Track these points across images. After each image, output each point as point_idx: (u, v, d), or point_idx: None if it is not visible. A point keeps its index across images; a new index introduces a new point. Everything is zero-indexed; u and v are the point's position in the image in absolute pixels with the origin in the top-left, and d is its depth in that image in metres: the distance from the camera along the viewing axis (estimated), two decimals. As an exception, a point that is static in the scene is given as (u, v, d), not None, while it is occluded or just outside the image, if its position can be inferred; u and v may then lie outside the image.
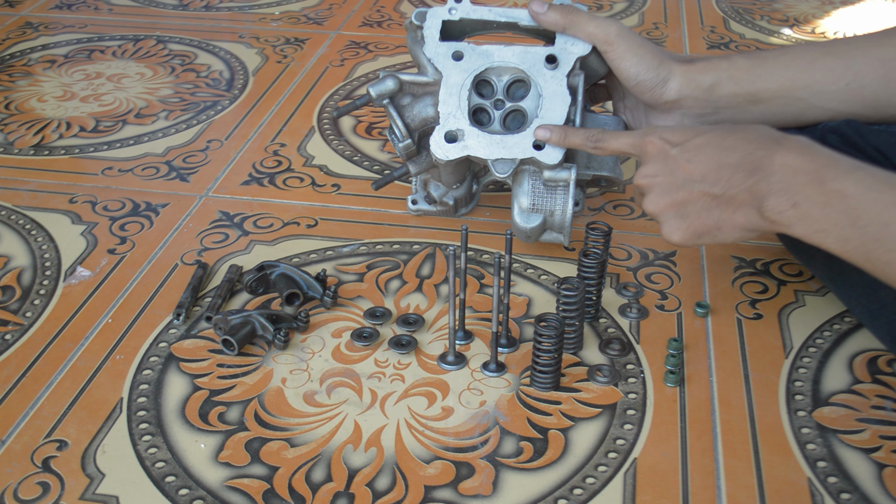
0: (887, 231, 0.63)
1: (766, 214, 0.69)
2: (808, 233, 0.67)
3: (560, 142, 0.83)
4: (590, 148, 0.81)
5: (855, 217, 0.64)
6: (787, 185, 0.67)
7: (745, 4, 1.57)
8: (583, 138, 0.81)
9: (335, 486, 0.67)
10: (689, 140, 0.74)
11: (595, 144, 0.81)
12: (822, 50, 0.82)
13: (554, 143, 0.83)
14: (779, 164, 0.68)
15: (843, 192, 0.65)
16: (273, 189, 1.04)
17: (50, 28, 1.49)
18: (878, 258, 0.64)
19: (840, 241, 0.66)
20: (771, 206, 0.68)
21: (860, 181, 0.65)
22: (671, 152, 0.74)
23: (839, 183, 0.65)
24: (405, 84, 0.88)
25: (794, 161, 0.68)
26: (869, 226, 0.64)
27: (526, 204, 0.87)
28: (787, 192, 0.67)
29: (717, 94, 0.83)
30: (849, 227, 0.65)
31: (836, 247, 0.66)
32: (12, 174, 1.08)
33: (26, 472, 0.69)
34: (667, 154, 0.74)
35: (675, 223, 0.74)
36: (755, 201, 0.69)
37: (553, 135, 0.82)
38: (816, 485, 0.68)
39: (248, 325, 0.80)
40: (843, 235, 0.65)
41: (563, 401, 0.75)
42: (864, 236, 0.64)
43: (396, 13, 1.55)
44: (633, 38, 0.83)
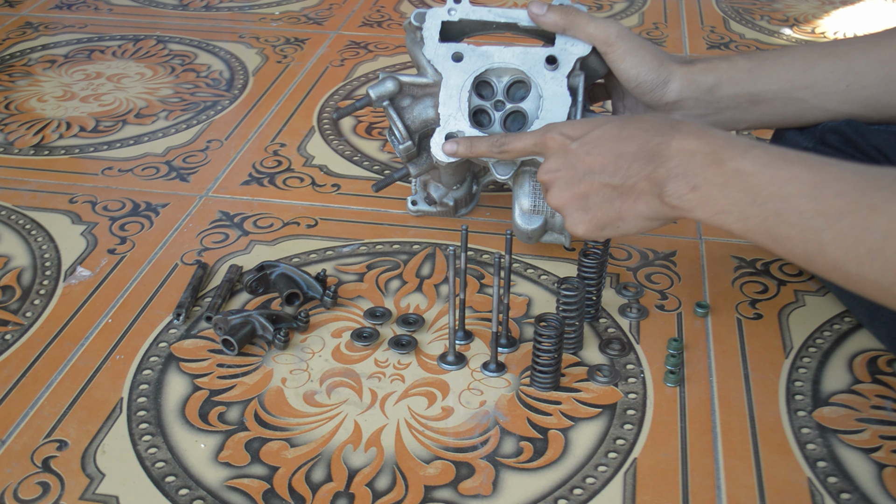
0: (787, 205, 0.62)
1: (667, 200, 0.68)
2: (709, 215, 0.67)
3: (467, 152, 0.83)
4: (495, 153, 0.82)
5: (754, 195, 0.64)
6: (685, 168, 0.67)
7: (745, 4, 1.57)
8: (487, 146, 0.82)
9: (335, 486, 0.68)
10: (588, 133, 0.74)
11: (500, 149, 0.81)
12: (822, 51, 0.82)
13: (461, 156, 0.84)
14: (676, 149, 0.68)
15: (741, 171, 0.64)
16: (273, 189, 1.04)
17: (50, 28, 1.49)
18: (778, 234, 0.63)
19: (741, 220, 0.65)
20: (671, 191, 0.68)
21: (757, 158, 0.65)
22: (571, 146, 0.74)
23: (737, 162, 0.65)
24: (405, 85, 0.88)
25: (691, 144, 0.68)
26: (769, 202, 0.63)
27: (527, 205, 0.87)
28: (685, 176, 0.67)
29: (718, 96, 0.83)
30: (748, 206, 0.64)
31: (737, 226, 0.65)
32: (12, 174, 1.08)
33: (26, 472, 0.69)
34: (566, 148, 0.75)
35: (578, 216, 0.75)
36: (655, 188, 0.69)
37: (460, 147, 0.83)
38: (816, 485, 0.68)
39: (248, 325, 0.80)
40: (744, 214, 0.64)
41: (563, 401, 0.75)
42: (763, 213, 0.63)
43: (396, 13, 1.55)
44: (632, 39, 0.83)
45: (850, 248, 0.58)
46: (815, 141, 0.82)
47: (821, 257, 0.61)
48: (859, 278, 0.59)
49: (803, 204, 0.61)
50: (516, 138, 0.80)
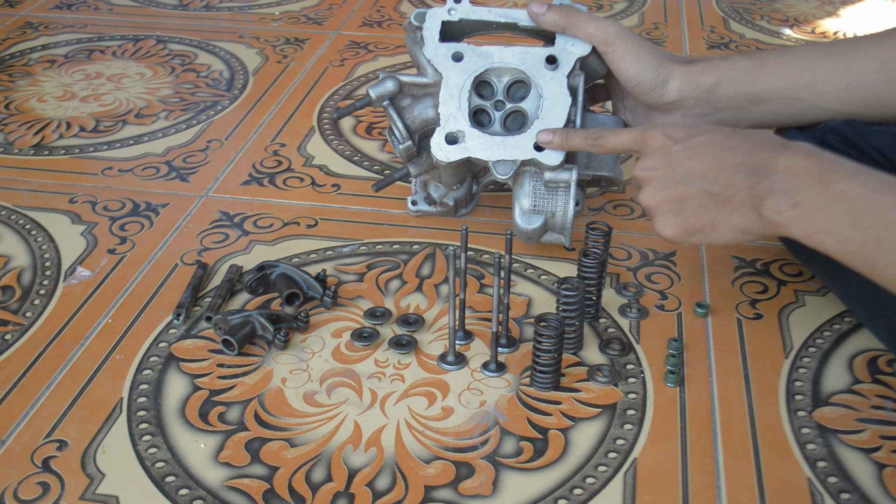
0: (889, 232, 0.62)
1: (765, 214, 0.68)
2: (806, 234, 0.67)
3: (562, 144, 0.83)
4: (590, 147, 0.81)
5: (857, 218, 0.64)
6: (789, 185, 0.67)
7: (745, 4, 1.57)
8: (582, 138, 0.82)
9: (335, 486, 0.68)
10: (692, 137, 0.73)
11: (595, 142, 0.81)
12: (822, 50, 0.82)
13: (556, 147, 0.83)
14: (783, 166, 0.68)
15: (846, 194, 0.64)
16: (273, 189, 1.04)
17: (50, 28, 1.49)
18: (877, 260, 0.63)
19: (839, 242, 0.65)
20: (770, 206, 0.67)
21: (864, 182, 0.65)
22: (673, 148, 0.74)
23: (843, 184, 0.65)
24: (405, 85, 0.88)
25: (799, 163, 0.67)
26: (871, 227, 0.63)
27: (527, 205, 0.87)
28: (788, 193, 0.67)
29: (718, 95, 0.83)
30: (849, 229, 0.64)
31: (834, 248, 0.66)
32: (12, 174, 1.08)
33: (26, 472, 0.69)
34: (668, 149, 0.74)
35: (669, 218, 0.74)
36: (755, 201, 0.69)
37: (556, 138, 0.82)
38: (816, 485, 0.68)
39: (248, 325, 0.80)
40: (843, 237, 0.65)
41: (563, 401, 0.75)
42: (864, 237, 0.63)
43: (396, 13, 1.55)
44: (632, 38, 0.83)
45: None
46: (815, 141, 0.82)
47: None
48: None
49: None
50: (614, 134, 0.80)
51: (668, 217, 0.74)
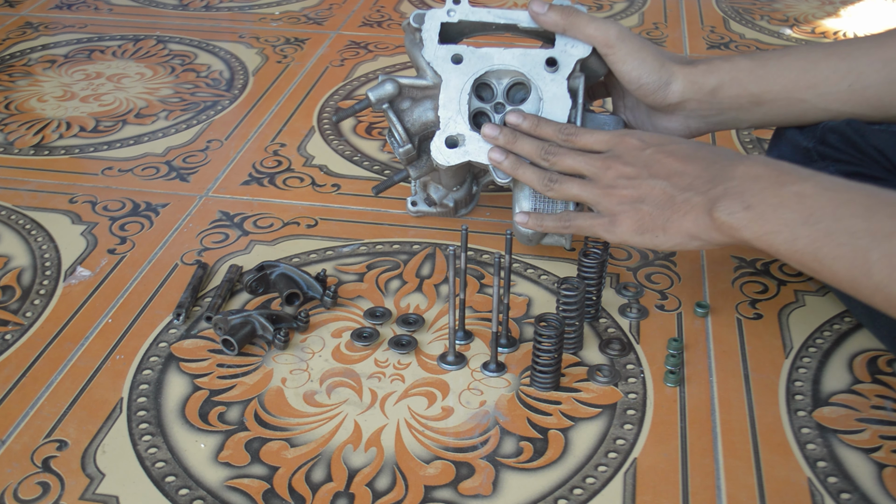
0: (839, 225, 0.63)
1: (717, 216, 0.70)
2: (757, 235, 0.68)
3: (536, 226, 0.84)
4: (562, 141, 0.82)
5: (808, 215, 0.65)
6: (743, 189, 0.69)
7: (745, 4, 1.57)
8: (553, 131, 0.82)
9: (335, 486, 0.68)
10: (666, 144, 0.77)
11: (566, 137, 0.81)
12: (824, 51, 0.82)
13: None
14: (740, 172, 0.70)
15: (800, 193, 0.66)
16: (273, 189, 1.04)
17: (50, 28, 1.49)
18: (826, 254, 0.64)
19: (789, 241, 0.66)
20: (723, 208, 0.69)
21: (818, 183, 0.66)
22: (646, 151, 0.76)
23: (798, 186, 0.67)
24: (404, 88, 0.88)
25: (756, 170, 0.70)
26: (821, 222, 0.64)
27: (527, 208, 0.87)
28: (742, 196, 0.69)
29: (721, 97, 0.83)
30: (800, 226, 0.65)
31: (784, 248, 0.67)
32: (12, 174, 1.08)
33: (26, 472, 0.69)
34: (641, 151, 0.77)
35: (628, 213, 0.76)
36: (708, 204, 0.71)
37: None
38: (816, 485, 0.68)
39: (248, 325, 0.80)
40: (793, 235, 0.66)
41: (563, 401, 0.75)
42: (814, 233, 0.64)
43: (396, 13, 1.55)
44: (633, 40, 0.83)
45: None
46: (816, 141, 0.82)
47: (865, 278, 0.62)
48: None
49: (855, 224, 0.62)
50: (588, 133, 0.81)
51: (625, 212, 0.76)
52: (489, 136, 0.83)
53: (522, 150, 0.83)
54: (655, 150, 0.76)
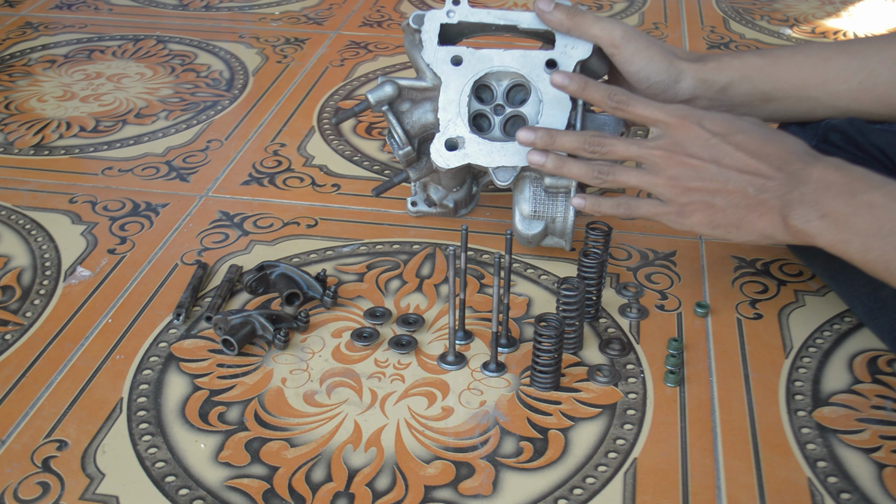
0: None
1: (792, 223, 0.70)
2: (831, 243, 0.69)
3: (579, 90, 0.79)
4: (610, 108, 0.78)
5: (879, 226, 0.66)
6: (818, 196, 0.69)
7: (745, 4, 1.57)
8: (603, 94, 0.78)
9: (335, 486, 0.68)
10: (732, 134, 0.74)
11: (617, 105, 0.78)
12: (835, 49, 0.82)
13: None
14: (815, 178, 0.70)
15: (871, 203, 0.67)
16: (273, 189, 1.04)
17: (50, 28, 1.49)
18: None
19: (862, 251, 0.67)
20: (798, 216, 0.69)
21: (889, 193, 0.67)
22: (711, 141, 0.74)
23: (869, 195, 0.67)
24: (404, 89, 0.88)
25: (830, 175, 0.70)
26: (891, 235, 0.65)
27: (527, 210, 0.87)
28: (816, 203, 0.69)
29: (731, 94, 0.83)
30: (871, 237, 0.66)
31: (857, 257, 0.68)
32: (12, 174, 1.08)
33: (26, 472, 0.69)
34: (706, 141, 0.74)
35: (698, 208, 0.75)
36: (784, 209, 0.71)
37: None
38: (816, 485, 0.68)
39: (248, 325, 0.80)
40: (866, 245, 0.66)
41: (563, 401, 0.75)
42: (885, 245, 0.65)
43: (396, 13, 1.55)
44: (639, 39, 0.82)
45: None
46: (818, 139, 0.82)
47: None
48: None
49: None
50: (642, 103, 0.77)
51: (697, 207, 0.75)
52: (525, 141, 0.80)
53: (564, 146, 0.80)
54: (721, 140, 0.74)
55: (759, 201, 0.72)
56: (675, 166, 0.75)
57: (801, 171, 0.71)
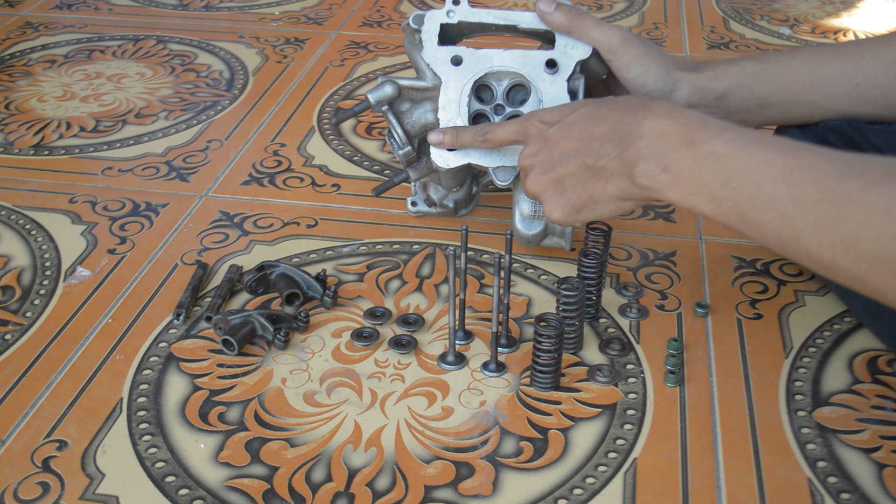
0: (760, 190, 0.62)
1: (637, 181, 0.68)
2: (680, 196, 0.66)
3: (453, 142, 0.84)
4: (479, 143, 0.82)
5: (727, 178, 0.63)
6: (655, 149, 0.67)
7: (745, 4, 1.57)
8: (472, 135, 0.82)
9: (335, 486, 0.68)
10: (564, 117, 0.74)
11: (483, 138, 0.82)
12: (831, 52, 0.82)
13: (447, 146, 0.84)
14: (647, 129, 0.67)
15: (714, 153, 0.64)
16: (273, 189, 1.04)
17: (50, 28, 1.49)
18: (752, 218, 0.63)
19: (713, 203, 0.64)
20: (641, 172, 0.67)
21: (731, 141, 0.64)
22: (548, 132, 0.75)
23: (710, 144, 0.64)
24: (404, 89, 0.88)
25: (663, 125, 0.67)
26: (741, 186, 0.62)
27: (527, 211, 0.87)
28: (656, 157, 0.66)
29: (728, 101, 0.83)
30: (721, 189, 0.64)
31: (709, 209, 0.65)
32: (12, 174, 1.08)
33: (26, 472, 0.69)
34: (544, 134, 0.75)
35: (554, 199, 0.75)
36: (625, 168, 0.69)
37: (445, 136, 0.84)
38: (816, 485, 0.68)
39: (248, 325, 0.80)
40: (716, 197, 0.64)
41: (563, 401, 0.75)
42: (736, 197, 0.63)
43: (396, 13, 1.55)
44: (637, 46, 0.82)
45: (824, 236, 0.58)
46: (816, 140, 0.82)
47: (794, 244, 0.61)
48: (832, 266, 0.59)
49: (777, 190, 0.61)
50: (499, 127, 0.80)
51: (553, 199, 0.75)
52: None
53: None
54: (558, 127, 0.74)
55: (599, 168, 0.71)
56: (526, 165, 0.77)
57: (632, 125, 0.68)
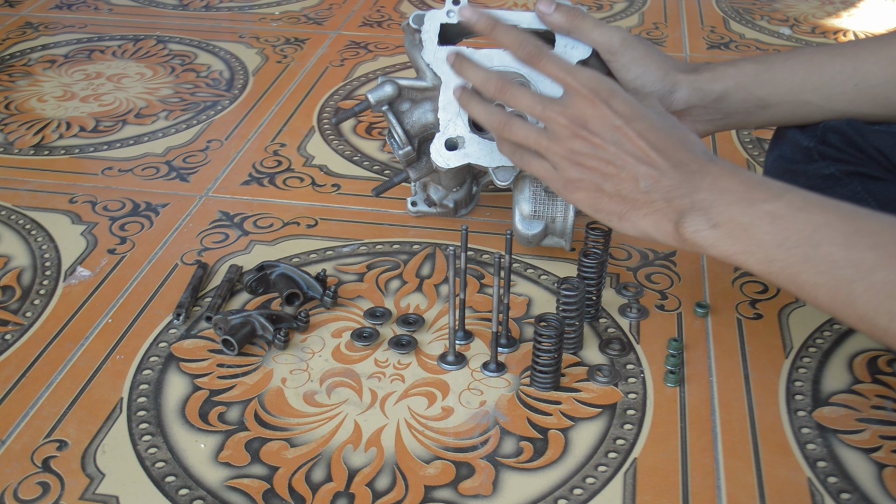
0: (817, 252, 0.61)
1: (682, 231, 0.67)
2: (726, 254, 0.66)
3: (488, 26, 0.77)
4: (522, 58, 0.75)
5: (783, 238, 0.63)
6: (710, 204, 0.66)
7: (745, 4, 1.57)
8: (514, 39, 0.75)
9: (335, 486, 0.68)
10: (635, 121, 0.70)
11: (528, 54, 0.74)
12: (830, 52, 0.82)
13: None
14: (709, 183, 0.67)
15: (772, 214, 0.63)
16: (273, 189, 1.04)
17: (50, 28, 1.49)
18: (804, 280, 0.62)
19: (764, 262, 0.64)
20: (689, 224, 0.66)
21: (791, 203, 0.64)
22: (616, 122, 0.70)
23: (769, 204, 0.64)
24: (404, 89, 0.88)
25: (726, 182, 0.66)
26: (797, 247, 0.62)
27: (527, 211, 0.87)
28: (708, 212, 0.66)
29: (727, 102, 0.83)
30: (775, 249, 0.63)
31: (758, 268, 0.65)
32: (12, 174, 1.08)
33: (26, 472, 0.69)
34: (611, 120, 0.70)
35: (586, 187, 0.72)
36: (673, 215, 0.68)
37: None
38: (816, 485, 0.68)
39: (248, 325, 0.80)
40: (768, 257, 0.63)
41: (563, 401, 0.75)
42: (790, 258, 0.62)
43: (396, 13, 1.55)
44: (636, 48, 0.82)
45: (882, 302, 0.58)
46: (816, 140, 0.82)
47: (849, 308, 0.60)
48: (888, 332, 0.59)
49: (835, 253, 0.60)
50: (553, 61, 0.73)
51: (585, 186, 0.72)
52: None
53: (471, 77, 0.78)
54: (625, 123, 0.69)
55: (647, 199, 0.69)
56: (576, 140, 0.71)
57: (696, 173, 0.67)
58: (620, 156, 0.70)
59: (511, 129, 0.75)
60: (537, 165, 0.75)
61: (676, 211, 0.68)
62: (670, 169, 0.68)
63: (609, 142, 0.70)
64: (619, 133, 0.70)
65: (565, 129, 0.71)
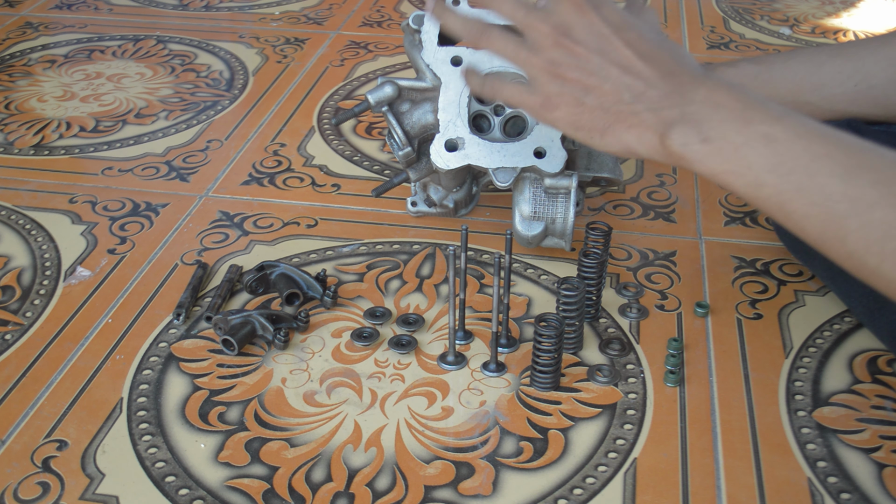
0: (812, 182, 0.58)
1: (668, 143, 0.63)
2: (714, 171, 0.62)
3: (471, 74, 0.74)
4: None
5: (777, 163, 0.60)
6: (702, 117, 0.62)
7: (745, 4, 1.57)
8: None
9: (335, 486, 0.68)
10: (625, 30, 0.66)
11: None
12: (829, 52, 0.82)
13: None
14: (703, 96, 0.63)
15: (770, 136, 0.60)
16: (273, 189, 1.04)
17: (50, 28, 1.49)
18: (794, 210, 0.60)
19: (753, 185, 0.61)
20: (676, 136, 0.62)
21: (790, 127, 0.60)
22: (604, 30, 0.66)
23: (767, 126, 0.60)
24: (404, 90, 0.88)
25: (721, 96, 0.62)
26: (791, 174, 0.59)
27: (527, 211, 0.87)
28: (699, 125, 0.62)
29: None
30: (766, 173, 0.60)
31: (745, 191, 0.61)
32: (12, 174, 1.08)
33: (26, 472, 0.69)
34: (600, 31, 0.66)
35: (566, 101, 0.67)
36: (660, 126, 0.63)
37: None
38: (816, 485, 0.68)
39: (248, 325, 0.80)
40: (758, 181, 0.60)
41: (563, 401, 0.75)
42: (782, 185, 0.60)
43: (396, 13, 1.55)
44: None
45: (875, 242, 0.56)
46: None
47: (838, 243, 0.58)
48: (876, 273, 0.57)
49: (832, 185, 0.58)
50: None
51: (565, 101, 0.67)
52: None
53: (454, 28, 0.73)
54: (613, 32, 0.65)
55: (631, 111, 0.65)
56: (557, 50, 0.66)
57: (688, 84, 0.63)
58: (605, 66, 0.65)
59: (489, 39, 0.70)
60: (510, 91, 0.71)
61: (664, 122, 0.63)
62: (659, 80, 0.64)
63: (593, 51, 0.66)
64: (605, 41, 0.66)
65: (547, 37, 0.67)
